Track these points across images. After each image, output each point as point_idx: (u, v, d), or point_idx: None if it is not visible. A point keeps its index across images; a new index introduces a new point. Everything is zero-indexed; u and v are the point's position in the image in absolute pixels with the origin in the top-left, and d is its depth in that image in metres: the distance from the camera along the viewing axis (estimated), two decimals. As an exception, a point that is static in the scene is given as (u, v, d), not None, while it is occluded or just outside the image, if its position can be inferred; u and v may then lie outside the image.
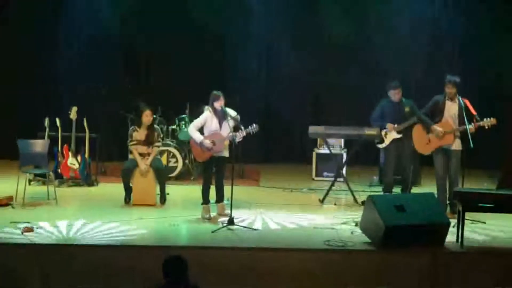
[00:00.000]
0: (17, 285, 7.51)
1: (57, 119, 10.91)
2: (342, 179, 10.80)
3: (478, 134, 9.19)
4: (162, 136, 10.61)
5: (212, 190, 9.38)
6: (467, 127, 9.08)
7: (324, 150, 11.79)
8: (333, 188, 10.50)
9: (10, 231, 8.21)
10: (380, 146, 10.11)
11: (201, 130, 9.27)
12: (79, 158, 10.87)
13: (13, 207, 9.44)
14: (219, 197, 9.44)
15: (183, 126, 11.62)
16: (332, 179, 10.71)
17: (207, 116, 9.25)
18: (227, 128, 9.15)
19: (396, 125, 9.91)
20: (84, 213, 9.28)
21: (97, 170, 11.48)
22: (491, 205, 8.14)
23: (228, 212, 8.98)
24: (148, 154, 9.88)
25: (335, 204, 10.21)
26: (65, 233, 8.20)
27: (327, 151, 11.37)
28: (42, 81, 12.98)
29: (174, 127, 11.81)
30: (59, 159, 10.85)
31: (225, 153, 9.30)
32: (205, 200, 9.31)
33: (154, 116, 11.03)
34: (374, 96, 11.20)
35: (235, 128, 9.21)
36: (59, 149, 10.87)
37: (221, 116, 9.18)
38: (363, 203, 9.38)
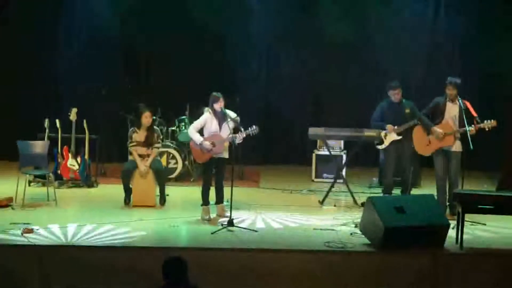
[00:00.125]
0: (17, 286, 7.51)
1: (57, 120, 10.90)
2: (341, 181, 10.81)
3: (478, 136, 9.18)
4: (161, 137, 10.60)
5: (212, 192, 9.38)
6: (467, 128, 9.08)
7: (324, 152, 11.78)
8: (332, 189, 10.50)
9: (10, 232, 8.20)
10: (380, 147, 10.10)
11: (201, 132, 9.27)
12: (79, 159, 10.87)
13: (13, 208, 9.44)
14: (219, 199, 9.43)
15: (183, 127, 11.62)
16: (332, 180, 10.72)
17: (207, 117, 9.24)
18: (227, 130, 9.15)
19: (396, 127, 9.88)
20: (84, 214, 9.29)
21: (97, 171, 11.47)
22: (491, 207, 8.14)
23: (228, 213, 8.99)
24: (147, 155, 9.88)
25: (334, 206, 10.21)
26: (67, 238, 8.15)
27: (327, 152, 11.37)
28: (42, 82, 12.98)
29: (174, 128, 11.81)
30: (59, 160, 10.84)
31: (225, 155, 9.29)
32: (205, 201, 9.30)
33: (154, 118, 11.04)
34: (374, 96, 11.23)
35: (235, 130, 9.20)
36: (59, 150, 10.86)
37: (221, 118, 9.17)
38: (362, 204, 9.37)
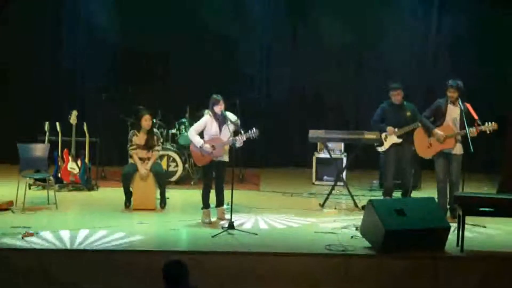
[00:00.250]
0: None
1: (57, 123, 10.90)
2: (342, 183, 10.81)
3: (478, 138, 9.18)
4: (162, 140, 10.60)
5: (212, 195, 9.37)
6: (467, 131, 9.07)
7: (324, 154, 11.76)
8: (333, 192, 10.48)
9: (11, 236, 8.20)
10: (380, 149, 10.07)
11: (201, 135, 9.26)
12: (79, 162, 10.87)
13: (13, 212, 9.44)
14: (219, 202, 9.42)
15: (183, 130, 11.61)
16: (332, 183, 10.71)
17: (207, 120, 9.24)
18: (227, 133, 9.13)
19: (396, 129, 9.87)
20: (85, 218, 9.28)
21: (97, 174, 11.47)
22: (492, 209, 8.14)
23: (228, 216, 8.98)
24: (148, 158, 9.87)
25: (335, 209, 10.19)
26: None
27: (327, 155, 11.35)
28: (42, 84, 12.95)
29: (174, 131, 11.80)
30: (59, 163, 10.84)
31: (225, 158, 9.28)
32: (205, 204, 9.29)
33: (154, 120, 11.03)
34: (374, 98, 11.23)
35: (235, 133, 9.19)
36: (59, 153, 10.86)
37: (221, 121, 9.16)
38: (363, 207, 9.37)
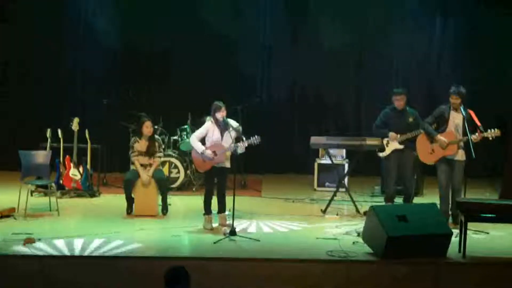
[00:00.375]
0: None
1: (59, 130, 10.91)
2: (344, 189, 10.81)
3: (480, 144, 9.18)
4: (163, 146, 10.61)
5: (214, 201, 9.36)
6: (469, 137, 9.07)
7: (326, 160, 11.76)
8: (335, 198, 10.47)
9: (12, 242, 8.19)
10: (381, 154, 10.02)
11: (203, 141, 9.26)
12: (81, 169, 10.87)
13: (15, 218, 9.44)
14: (221, 208, 9.41)
15: (185, 136, 11.60)
16: (334, 189, 10.70)
17: (209, 126, 9.24)
18: (228, 139, 9.13)
19: (399, 135, 9.84)
20: (86, 224, 9.28)
21: (99, 181, 11.46)
22: (494, 215, 8.13)
23: (230, 222, 8.98)
24: (149, 165, 9.88)
25: (337, 215, 10.19)
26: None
27: (328, 161, 11.35)
28: (43, 91, 12.97)
29: (176, 137, 11.80)
30: (61, 170, 10.84)
31: (227, 164, 9.27)
32: (207, 210, 9.29)
33: (155, 127, 11.04)
34: (376, 103, 11.23)
35: (237, 139, 9.18)
36: (61, 160, 10.86)
37: (223, 127, 9.17)
38: (365, 213, 9.36)
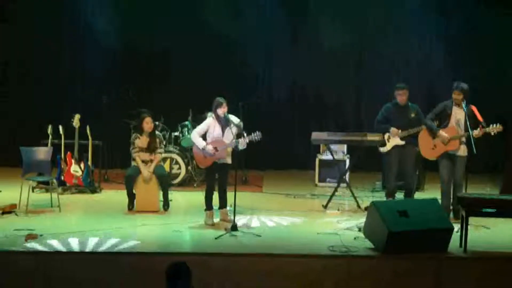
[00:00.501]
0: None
1: (60, 127, 10.91)
2: (345, 185, 10.81)
3: (482, 139, 9.19)
4: (164, 142, 10.61)
5: (215, 196, 9.37)
6: (471, 133, 9.08)
7: (327, 156, 11.76)
8: (336, 194, 10.49)
9: (14, 239, 8.21)
10: (382, 149, 10.02)
11: (204, 137, 9.27)
12: (82, 165, 10.88)
13: (16, 215, 9.45)
14: (222, 203, 9.42)
15: (186, 132, 11.60)
16: (335, 185, 10.72)
17: (210, 122, 9.25)
18: (230, 135, 9.14)
19: (400, 131, 9.83)
20: (88, 220, 9.29)
21: (100, 177, 11.47)
22: (495, 210, 8.14)
23: (231, 218, 8.98)
24: (150, 160, 9.88)
25: (338, 210, 10.20)
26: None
27: (330, 157, 11.35)
28: (45, 88, 12.98)
29: (177, 133, 11.80)
30: (62, 166, 10.85)
31: (228, 160, 9.28)
32: (208, 206, 9.30)
33: (157, 123, 11.04)
34: (375, 98, 11.23)
35: (238, 135, 9.19)
36: (62, 156, 10.87)
37: (224, 123, 9.17)
38: (366, 208, 9.36)
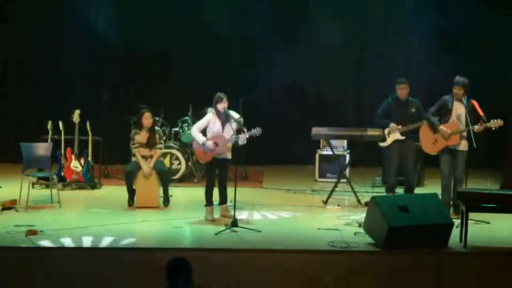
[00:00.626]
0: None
1: (60, 122, 10.91)
2: (345, 180, 10.81)
3: (482, 134, 9.19)
4: (164, 138, 10.60)
5: (216, 192, 9.37)
6: (470, 128, 9.07)
7: (327, 151, 11.76)
8: (336, 189, 10.48)
9: (14, 234, 8.21)
10: (382, 144, 9.99)
11: (204, 133, 9.26)
12: (82, 161, 10.88)
13: (16, 211, 9.45)
14: (222, 199, 9.43)
15: (186, 128, 11.59)
16: (335, 180, 10.71)
17: (210, 118, 9.24)
18: (230, 131, 9.14)
19: (400, 126, 9.80)
20: (88, 216, 9.29)
21: (100, 173, 11.47)
22: (495, 205, 8.14)
23: (231, 213, 8.98)
24: (150, 156, 9.88)
25: (338, 205, 10.20)
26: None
27: (330, 152, 11.35)
28: (45, 84, 12.97)
29: (177, 129, 11.80)
30: (62, 162, 10.85)
31: (228, 155, 9.28)
32: (209, 202, 9.30)
33: (156, 118, 11.03)
34: (375, 98, 11.21)
35: (238, 131, 9.18)
36: (62, 152, 10.87)
37: (224, 119, 9.17)
38: (366, 204, 9.36)
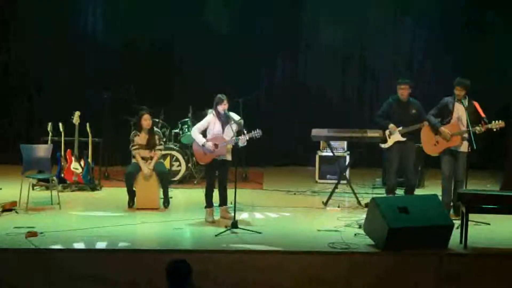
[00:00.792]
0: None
1: (60, 124, 10.90)
2: (345, 182, 10.80)
3: (483, 135, 9.19)
4: (163, 139, 10.60)
5: (216, 194, 9.37)
6: (470, 129, 9.07)
7: (327, 153, 11.75)
8: (336, 190, 10.47)
9: (14, 236, 8.21)
10: (383, 145, 9.99)
11: (204, 134, 9.26)
12: (82, 162, 10.88)
13: (17, 212, 9.45)
14: (222, 201, 9.42)
15: (186, 129, 11.59)
16: (336, 181, 10.71)
17: (210, 119, 9.24)
18: (230, 132, 9.14)
19: (401, 127, 9.78)
20: (88, 217, 9.28)
21: (100, 174, 11.46)
22: (495, 206, 8.14)
23: (231, 215, 8.98)
24: (150, 158, 9.88)
25: (338, 207, 10.20)
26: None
27: (330, 153, 11.35)
28: (45, 86, 12.97)
29: (177, 130, 11.79)
30: (62, 163, 10.85)
31: (228, 157, 9.28)
32: (209, 203, 9.30)
33: (156, 120, 11.03)
34: (375, 98, 11.23)
35: (238, 133, 9.18)
36: (62, 153, 10.87)
37: (224, 120, 9.17)
38: (366, 205, 9.36)
